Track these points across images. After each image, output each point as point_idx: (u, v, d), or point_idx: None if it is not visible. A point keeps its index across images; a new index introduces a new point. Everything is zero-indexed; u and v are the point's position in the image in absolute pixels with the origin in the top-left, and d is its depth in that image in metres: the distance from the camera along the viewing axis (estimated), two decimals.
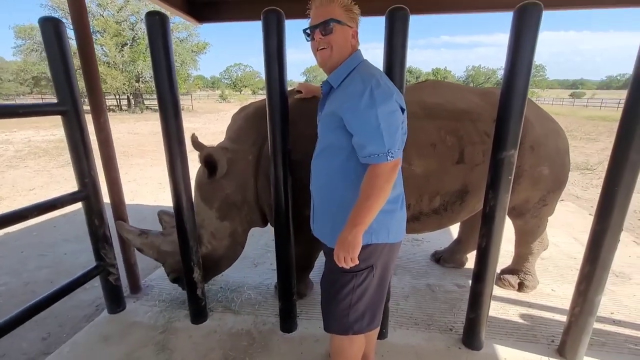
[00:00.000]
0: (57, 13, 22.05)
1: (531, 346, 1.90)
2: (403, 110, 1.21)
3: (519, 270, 2.46)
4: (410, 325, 2.09)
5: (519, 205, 2.16)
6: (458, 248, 2.78)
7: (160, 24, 1.63)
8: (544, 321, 2.12)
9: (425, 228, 2.09)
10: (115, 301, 2.22)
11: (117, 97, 24.98)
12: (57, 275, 2.91)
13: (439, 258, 2.87)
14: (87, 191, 1.97)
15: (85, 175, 1.94)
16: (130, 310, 2.26)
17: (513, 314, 2.19)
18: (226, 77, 68.24)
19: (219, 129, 14.13)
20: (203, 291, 2.09)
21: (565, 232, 3.52)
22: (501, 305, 2.26)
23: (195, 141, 1.91)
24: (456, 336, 1.98)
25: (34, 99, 32.65)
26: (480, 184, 1.86)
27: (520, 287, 2.41)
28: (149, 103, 26.70)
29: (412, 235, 3.35)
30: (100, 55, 22.06)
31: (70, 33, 2.02)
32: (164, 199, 5.08)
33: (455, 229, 3.05)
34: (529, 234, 2.31)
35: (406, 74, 1.57)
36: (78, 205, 2.09)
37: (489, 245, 1.69)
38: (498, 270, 2.38)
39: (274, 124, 1.69)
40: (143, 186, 5.91)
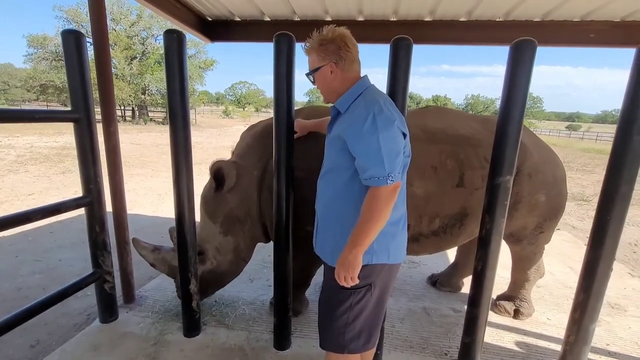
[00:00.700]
0: (72, 25, 22.77)
1: None
2: (405, 135, 1.26)
3: (515, 297, 2.46)
4: (405, 348, 2.07)
5: (517, 232, 2.19)
6: (455, 272, 2.79)
7: (177, 41, 1.72)
8: (539, 349, 2.10)
9: (424, 250, 2.11)
10: (108, 310, 2.20)
11: (122, 108, 25.34)
12: (50, 281, 2.88)
13: (435, 281, 2.86)
14: (91, 197, 1.99)
15: (91, 181, 1.98)
16: (123, 320, 2.23)
17: (508, 340, 2.17)
18: (231, 94, 69.50)
19: (220, 144, 14.28)
20: (198, 304, 2.08)
21: (561, 262, 3.53)
22: (496, 332, 2.25)
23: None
24: None
25: (39, 106, 33.10)
26: (479, 208, 1.90)
27: (516, 314, 2.40)
28: (152, 115, 27.08)
29: (410, 257, 3.35)
30: None
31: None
32: (163, 210, 5.09)
33: (452, 253, 3.06)
34: (526, 261, 2.33)
35: (407, 99, 1.64)
36: (75, 212, 2.11)
37: (485, 269, 1.71)
38: (494, 296, 2.38)
39: (279, 140, 1.75)
40: (142, 196, 5.92)
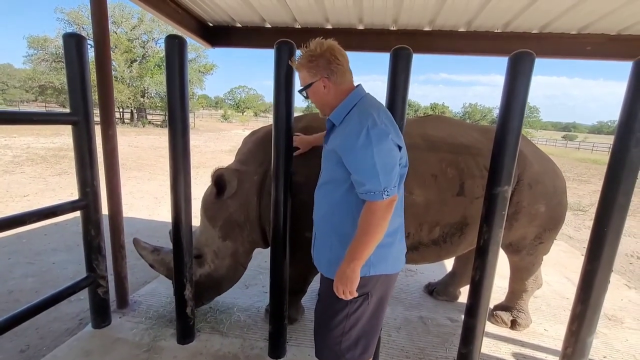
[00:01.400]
0: (73, 27, 22.84)
1: None
2: (400, 148, 1.24)
3: (513, 307, 2.44)
4: (402, 358, 2.05)
5: (516, 242, 2.19)
6: (452, 281, 2.77)
7: (178, 47, 1.73)
8: None
9: (423, 259, 2.10)
10: (100, 315, 2.17)
11: (121, 110, 25.32)
12: (43, 284, 2.84)
13: (432, 290, 2.85)
14: (87, 201, 1.98)
15: (87, 185, 1.96)
16: (116, 325, 2.20)
17: (505, 352, 2.16)
18: (230, 98, 69.64)
19: (219, 148, 14.27)
20: (193, 310, 2.05)
21: (557, 272, 3.53)
22: (493, 342, 2.23)
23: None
24: None
25: (38, 107, 33.05)
26: (479, 217, 1.90)
27: (513, 325, 2.39)
28: (151, 118, 27.06)
29: (408, 265, 3.33)
30: None
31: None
32: (159, 214, 5.05)
33: (449, 262, 3.05)
34: (524, 271, 2.32)
35: (407, 108, 1.65)
36: (70, 215, 2.09)
37: (482, 278, 1.71)
38: (491, 306, 2.37)
39: (278, 146, 1.75)
40: (139, 199, 5.88)
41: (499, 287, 2.51)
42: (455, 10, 2.54)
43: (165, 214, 4.48)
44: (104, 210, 2.11)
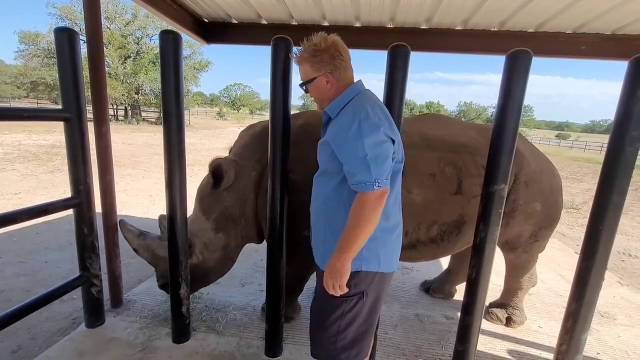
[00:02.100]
0: (65, 22, 22.48)
1: None
2: (394, 141, 1.23)
3: (508, 304, 2.46)
4: (398, 356, 2.05)
5: (512, 240, 2.20)
6: (448, 279, 2.79)
7: (173, 42, 1.70)
8: (532, 358, 2.10)
9: (421, 257, 2.10)
10: (94, 314, 2.14)
11: (115, 107, 25.04)
12: (35, 284, 2.79)
13: (428, 288, 2.86)
14: (80, 198, 1.94)
15: (80, 182, 1.93)
16: (110, 325, 2.18)
17: (500, 348, 2.17)
18: (225, 96, 69.17)
19: (214, 146, 14.18)
20: (188, 309, 2.04)
21: (551, 269, 3.57)
22: (488, 339, 2.25)
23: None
24: None
25: (30, 103, 32.53)
26: (476, 215, 1.91)
27: (508, 322, 2.41)
28: (145, 115, 26.80)
29: (404, 263, 3.35)
30: None
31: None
32: (154, 212, 5.00)
33: (445, 260, 3.07)
34: (520, 269, 2.34)
35: (404, 106, 1.65)
36: (62, 213, 2.06)
37: (479, 276, 1.71)
38: (486, 303, 2.38)
39: (275, 144, 1.73)
40: (133, 197, 5.82)
41: (494, 285, 2.52)
42: (452, 9, 2.53)
43: (160, 212, 4.45)
44: (98, 208, 2.08)
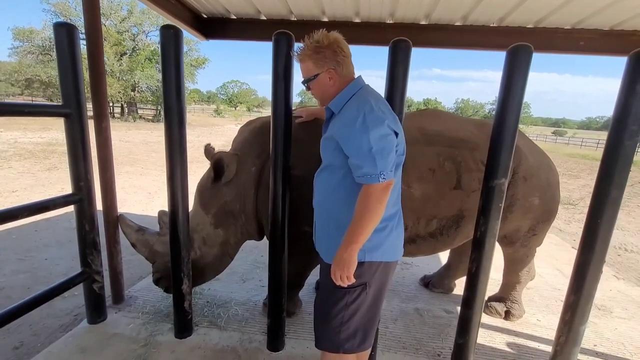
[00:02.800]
0: (60, 18, 22.25)
1: None
2: (397, 134, 1.26)
3: (506, 298, 2.49)
4: (399, 349, 2.08)
5: (510, 234, 2.23)
6: (447, 273, 2.81)
7: (174, 37, 1.70)
8: (530, 350, 2.13)
9: (420, 251, 2.12)
10: (96, 311, 2.14)
11: (111, 105, 24.87)
12: (35, 281, 2.79)
13: (427, 282, 2.88)
14: (81, 195, 1.94)
15: (81, 178, 1.92)
16: (112, 321, 2.18)
17: (500, 342, 2.20)
18: (222, 93, 68.81)
19: (212, 143, 14.09)
20: (190, 304, 2.04)
21: (549, 264, 3.60)
22: (488, 333, 2.27)
23: (207, 150, 2.03)
24: None
25: (24, 100, 32.21)
26: (475, 210, 1.92)
27: (507, 316, 2.44)
28: (142, 112, 26.64)
29: (403, 258, 3.35)
30: None
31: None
32: (152, 209, 5.00)
33: (444, 254, 3.09)
34: (518, 263, 2.36)
35: (406, 101, 1.65)
36: (61, 210, 2.05)
37: (479, 270, 1.73)
38: (485, 297, 2.41)
39: (276, 140, 1.74)
40: (132, 195, 5.80)
41: (492, 279, 2.54)
42: (451, 5, 2.54)
43: (158, 210, 4.45)
44: (98, 204, 2.07)
